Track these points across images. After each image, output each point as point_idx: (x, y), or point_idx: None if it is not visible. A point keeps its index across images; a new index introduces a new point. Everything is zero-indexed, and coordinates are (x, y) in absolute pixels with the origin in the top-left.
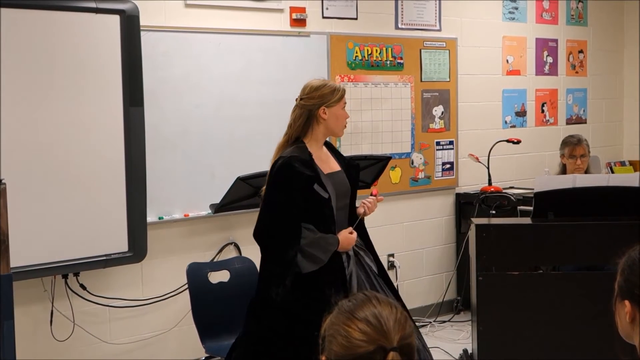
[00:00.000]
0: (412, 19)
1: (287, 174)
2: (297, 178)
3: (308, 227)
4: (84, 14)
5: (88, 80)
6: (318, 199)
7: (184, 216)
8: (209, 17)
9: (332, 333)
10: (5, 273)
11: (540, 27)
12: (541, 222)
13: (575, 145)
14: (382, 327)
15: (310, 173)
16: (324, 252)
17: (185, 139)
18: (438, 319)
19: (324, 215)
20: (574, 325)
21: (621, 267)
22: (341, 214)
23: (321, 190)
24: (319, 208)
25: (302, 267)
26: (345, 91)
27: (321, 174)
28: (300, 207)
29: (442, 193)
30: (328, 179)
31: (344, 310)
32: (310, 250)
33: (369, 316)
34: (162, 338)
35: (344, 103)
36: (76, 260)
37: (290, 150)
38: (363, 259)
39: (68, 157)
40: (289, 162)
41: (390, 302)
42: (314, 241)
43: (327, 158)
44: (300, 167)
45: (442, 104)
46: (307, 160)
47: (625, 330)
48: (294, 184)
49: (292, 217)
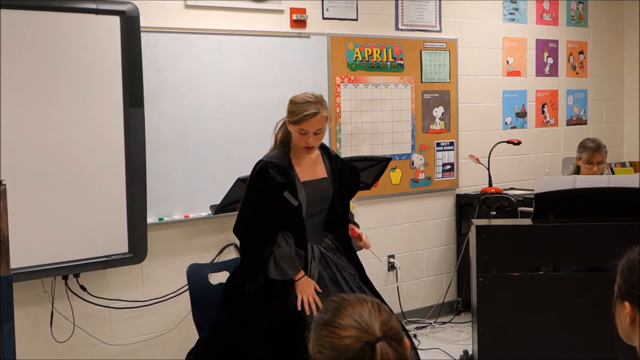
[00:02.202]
0: (412, 19)
1: (262, 177)
2: (269, 183)
3: (287, 238)
4: (84, 15)
5: (88, 81)
6: (287, 206)
7: (184, 217)
8: (209, 18)
9: (318, 349)
10: (5, 274)
11: (541, 28)
12: (541, 223)
13: (595, 152)
14: (361, 324)
15: (282, 180)
16: (291, 269)
17: (186, 140)
18: (438, 320)
19: (294, 222)
20: (575, 327)
21: (620, 268)
22: (316, 220)
23: (291, 197)
24: (288, 214)
25: (270, 272)
26: (306, 119)
27: (297, 181)
28: (272, 210)
29: (442, 194)
30: (303, 187)
31: (321, 325)
32: (281, 262)
33: (346, 320)
34: (162, 339)
35: (301, 129)
36: (76, 262)
37: (272, 154)
38: (331, 260)
39: (68, 158)
40: (265, 167)
41: (358, 298)
42: (286, 256)
43: (312, 164)
44: (274, 173)
45: (443, 105)
46: (283, 167)
47: (626, 331)
48: (267, 188)
49: (267, 219)
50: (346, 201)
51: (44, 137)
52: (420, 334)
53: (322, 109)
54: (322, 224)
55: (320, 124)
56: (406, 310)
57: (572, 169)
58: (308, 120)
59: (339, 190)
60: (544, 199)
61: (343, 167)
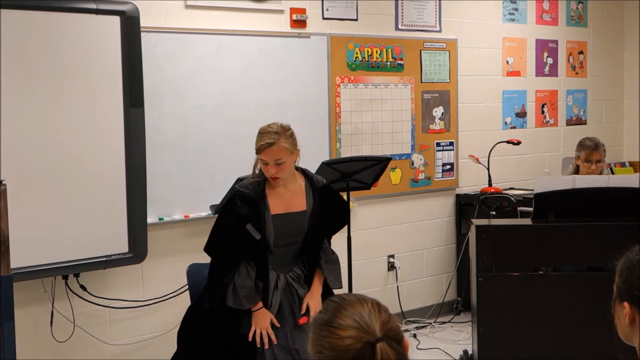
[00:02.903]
0: (412, 20)
1: (229, 206)
2: (234, 214)
3: (249, 268)
4: (84, 15)
5: (88, 81)
6: (250, 238)
7: (184, 217)
8: (209, 18)
9: (317, 349)
10: (6, 274)
11: (541, 28)
12: (541, 223)
13: (593, 150)
14: (361, 324)
15: (246, 212)
16: (248, 301)
17: (186, 140)
18: (438, 320)
19: (257, 253)
20: (575, 327)
21: (619, 269)
22: (287, 250)
23: (253, 230)
24: (251, 245)
25: (228, 300)
26: (262, 150)
27: (265, 213)
28: (236, 239)
29: (442, 194)
30: (272, 220)
31: (321, 325)
32: (239, 292)
33: (346, 320)
34: (162, 339)
35: (261, 159)
36: (76, 261)
37: (245, 183)
38: (295, 290)
39: (68, 158)
40: (233, 197)
41: (358, 298)
42: (245, 287)
43: (290, 196)
44: (240, 204)
45: (443, 105)
46: (252, 198)
47: (625, 332)
48: (232, 218)
49: (230, 246)
50: (326, 235)
51: (44, 137)
52: (420, 334)
53: (280, 140)
54: (294, 254)
55: (278, 155)
56: (406, 310)
57: (571, 169)
58: (264, 150)
59: (319, 224)
60: (543, 199)
61: (329, 200)
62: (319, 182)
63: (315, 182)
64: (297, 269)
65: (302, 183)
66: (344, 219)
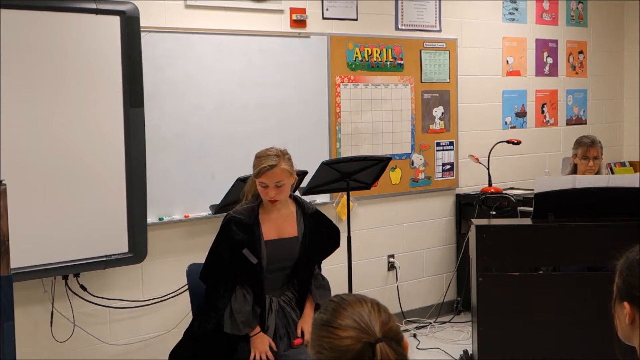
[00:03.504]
0: (412, 19)
1: (224, 231)
2: (230, 239)
3: (246, 293)
4: (84, 15)
5: (88, 81)
6: (246, 263)
7: (184, 217)
8: (209, 18)
9: (318, 350)
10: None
11: (540, 28)
12: (541, 223)
13: (589, 147)
14: (360, 325)
15: (242, 238)
16: (245, 326)
17: (186, 139)
18: (438, 320)
19: (253, 278)
20: (574, 326)
21: (619, 268)
22: (279, 274)
23: (250, 255)
24: (247, 270)
25: (225, 326)
26: (263, 172)
27: (260, 239)
28: (232, 264)
29: (442, 194)
30: (265, 246)
31: (321, 325)
32: (237, 317)
33: (346, 320)
34: (162, 339)
35: (261, 182)
36: (76, 261)
37: (240, 209)
38: (288, 313)
39: (68, 158)
40: (228, 222)
41: (357, 298)
42: (242, 312)
43: (282, 221)
44: (236, 230)
45: (442, 104)
46: (246, 223)
47: (625, 332)
48: (228, 244)
49: (226, 271)
50: (317, 260)
51: (44, 137)
52: (420, 334)
53: (281, 162)
54: (285, 278)
55: (279, 177)
56: (406, 310)
57: (569, 168)
58: (266, 172)
59: (310, 250)
60: (543, 198)
61: (320, 226)
62: (309, 209)
63: (305, 209)
64: (288, 293)
65: (293, 209)
66: (334, 244)
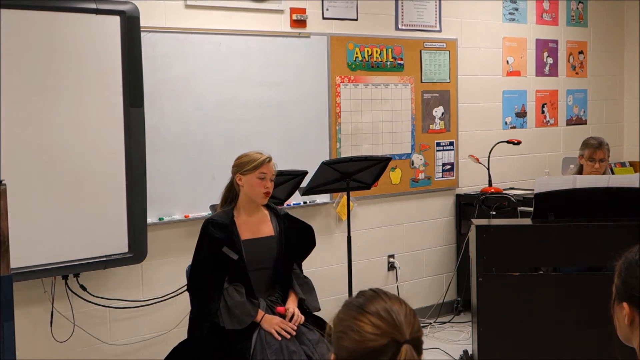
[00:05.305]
0: (412, 19)
1: (203, 233)
2: (209, 238)
3: (238, 288)
4: (84, 14)
5: (88, 81)
6: (228, 261)
7: (184, 217)
8: (209, 18)
9: (342, 329)
10: (6, 274)
11: (541, 28)
12: (541, 223)
13: (596, 149)
14: (394, 320)
15: (220, 236)
16: (247, 315)
17: (186, 139)
18: (438, 320)
19: (238, 275)
20: (574, 327)
21: (618, 269)
22: (260, 276)
23: (230, 252)
24: (231, 268)
25: (226, 323)
26: (265, 163)
27: (238, 238)
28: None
29: (442, 194)
30: (243, 245)
31: (354, 306)
32: (235, 311)
33: (380, 310)
34: (162, 339)
35: (261, 173)
36: (76, 261)
37: (216, 213)
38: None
39: (68, 158)
40: (206, 224)
41: (398, 298)
42: (239, 304)
43: (257, 223)
44: (213, 230)
45: (443, 104)
46: (223, 224)
47: (624, 332)
48: (207, 244)
49: (211, 273)
50: (296, 260)
51: (44, 137)
52: None
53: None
54: (268, 281)
55: (273, 171)
56: None
57: (574, 169)
58: (266, 163)
59: (287, 247)
60: (543, 198)
61: (291, 227)
62: (281, 211)
63: (277, 211)
64: (274, 294)
65: (266, 212)
66: (311, 241)
